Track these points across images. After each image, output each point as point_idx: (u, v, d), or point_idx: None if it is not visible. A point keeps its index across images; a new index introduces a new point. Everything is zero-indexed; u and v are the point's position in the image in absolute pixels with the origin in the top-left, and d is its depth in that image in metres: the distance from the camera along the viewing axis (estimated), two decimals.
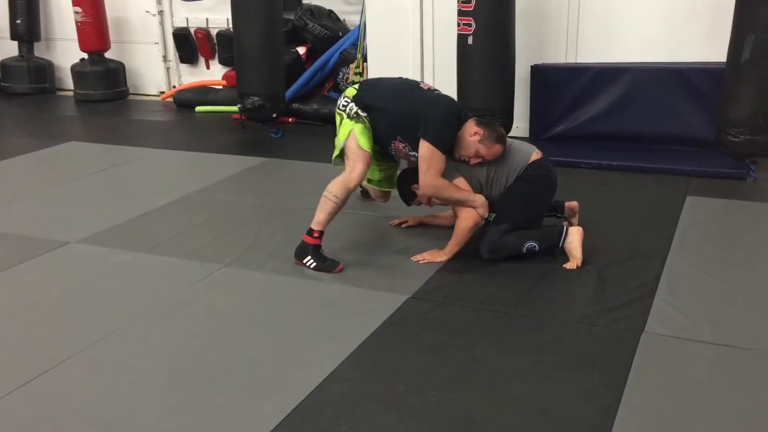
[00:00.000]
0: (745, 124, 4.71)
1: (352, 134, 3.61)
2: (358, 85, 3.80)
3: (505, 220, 3.65)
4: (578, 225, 3.85)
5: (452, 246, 3.69)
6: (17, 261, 3.84)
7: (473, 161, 3.65)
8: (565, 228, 3.71)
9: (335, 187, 3.64)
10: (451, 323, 3.12)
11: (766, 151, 4.79)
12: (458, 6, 5.27)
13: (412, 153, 3.67)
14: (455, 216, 3.77)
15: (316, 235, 3.64)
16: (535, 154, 3.73)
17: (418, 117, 3.56)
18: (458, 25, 5.30)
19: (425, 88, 3.78)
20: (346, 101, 3.69)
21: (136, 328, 3.14)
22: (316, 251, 3.64)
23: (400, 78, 3.92)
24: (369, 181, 4.05)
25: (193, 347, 2.98)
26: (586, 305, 3.23)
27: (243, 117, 6.37)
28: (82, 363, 2.87)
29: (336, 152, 3.71)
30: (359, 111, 3.64)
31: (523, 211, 3.72)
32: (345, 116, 3.67)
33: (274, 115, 6.31)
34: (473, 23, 5.19)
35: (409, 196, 3.92)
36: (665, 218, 4.21)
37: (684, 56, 5.51)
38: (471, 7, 5.17)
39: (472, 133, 3.62)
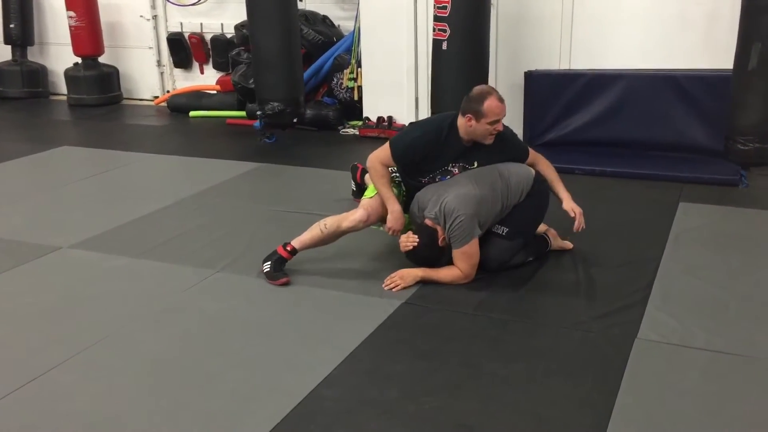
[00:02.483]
0: (754, 132, 4.71)
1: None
2: None
3: (518, 235, 3.62)
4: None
5: (426, 275, 3.50)
6: (9, 266, 3.83)
7: (490, 136, 3.51)
8: (545, 236, 3.81)
9: (330, 219, 3.65)
10: (445, 329, 3.12)
11: None
12: (434, 11, 5.29)
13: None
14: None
15: (289, 249, 3.61)
16: (532, 169, 3.72)
17: None
18: (433, 30, 5.33)
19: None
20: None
21: (129, 333, 3.13)
22: (278, 262, 3.59)
23: None
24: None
25: (186, 352, 2.97)
26: (580, 311, 3.24)
27: (261, 122, 6.29)
28: (75, 368, 2.86)
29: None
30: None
31: (534, 226, 3.76)
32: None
33: (295, 120, 6.27)
34: (448, 29, 5.23)
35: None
36: (658, 224, 4.22)
37: (677, 63, 5.54)
38: (446, 13, 5.21)
39: (467, 122, 3.51)
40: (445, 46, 5.28)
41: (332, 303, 3.37)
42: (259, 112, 6.22)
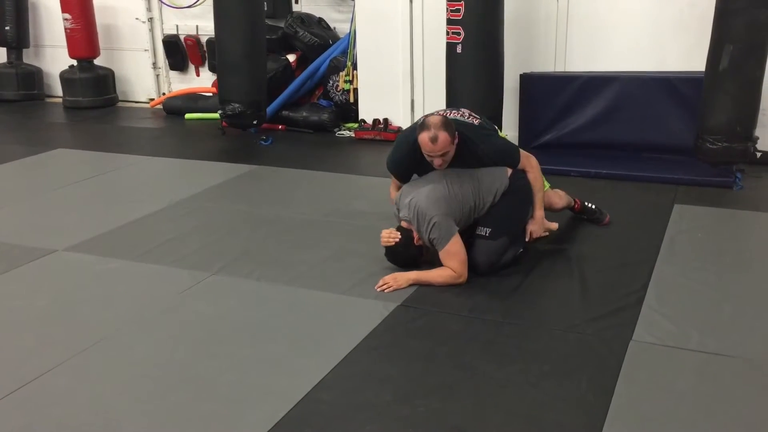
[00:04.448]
0: (723, 131, 4.77)
1: None
2: None
3: (502, 233, 3.62)
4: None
5: (419, 277, 3.52)
6: (4, 269, 3.82)
7: (435, 164, 3.53)
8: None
9: None
10: (440, 331, 3.12)
11: (743, 158, 4.85)
12: (447, 15, 5.29)
13: None
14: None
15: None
16: (508, 169, 3.69)
17: None
18: (447, 33, 5.32)
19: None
20: None
21: (123, 337, 3.13)
22: None
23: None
24: None
25: (180, 355, 2.97)
26: (575, 313, 3.24)
27: (224, 123, 6.37)
28: (69, 372, 2.86)
29: None
30: None
31: (518, 222, 3.74)
32: None
33: (255, 122, 6.31)
34: (462, 32, 5.22)
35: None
36: (653, 226, 4.23)
37: (671, 65, 5.56)
38: (460, 16, 5.19)
39: None
40: (459, 49, 5.26)
41: (327, 306, 3.37)
42: (220, 112, 6.28)
